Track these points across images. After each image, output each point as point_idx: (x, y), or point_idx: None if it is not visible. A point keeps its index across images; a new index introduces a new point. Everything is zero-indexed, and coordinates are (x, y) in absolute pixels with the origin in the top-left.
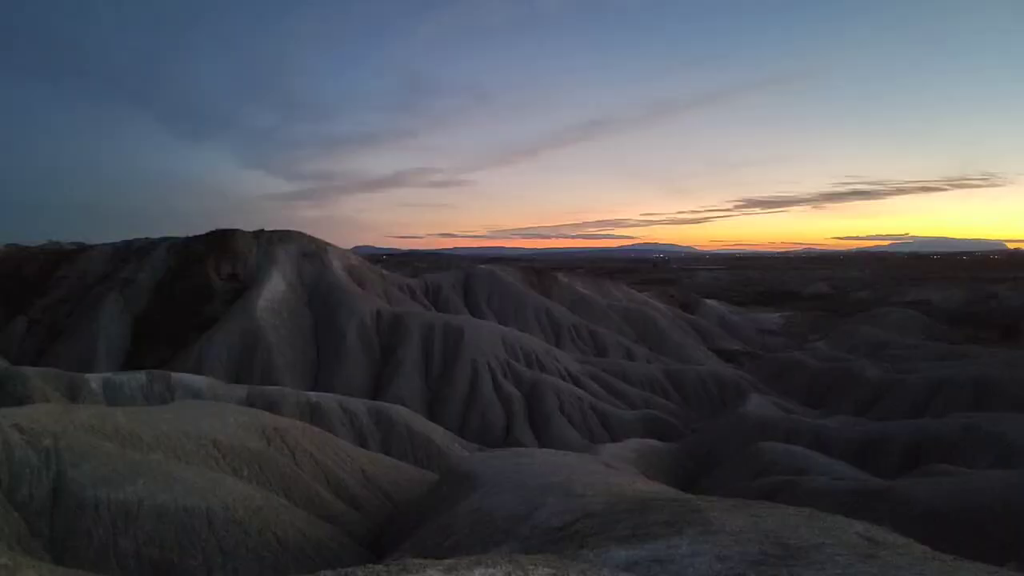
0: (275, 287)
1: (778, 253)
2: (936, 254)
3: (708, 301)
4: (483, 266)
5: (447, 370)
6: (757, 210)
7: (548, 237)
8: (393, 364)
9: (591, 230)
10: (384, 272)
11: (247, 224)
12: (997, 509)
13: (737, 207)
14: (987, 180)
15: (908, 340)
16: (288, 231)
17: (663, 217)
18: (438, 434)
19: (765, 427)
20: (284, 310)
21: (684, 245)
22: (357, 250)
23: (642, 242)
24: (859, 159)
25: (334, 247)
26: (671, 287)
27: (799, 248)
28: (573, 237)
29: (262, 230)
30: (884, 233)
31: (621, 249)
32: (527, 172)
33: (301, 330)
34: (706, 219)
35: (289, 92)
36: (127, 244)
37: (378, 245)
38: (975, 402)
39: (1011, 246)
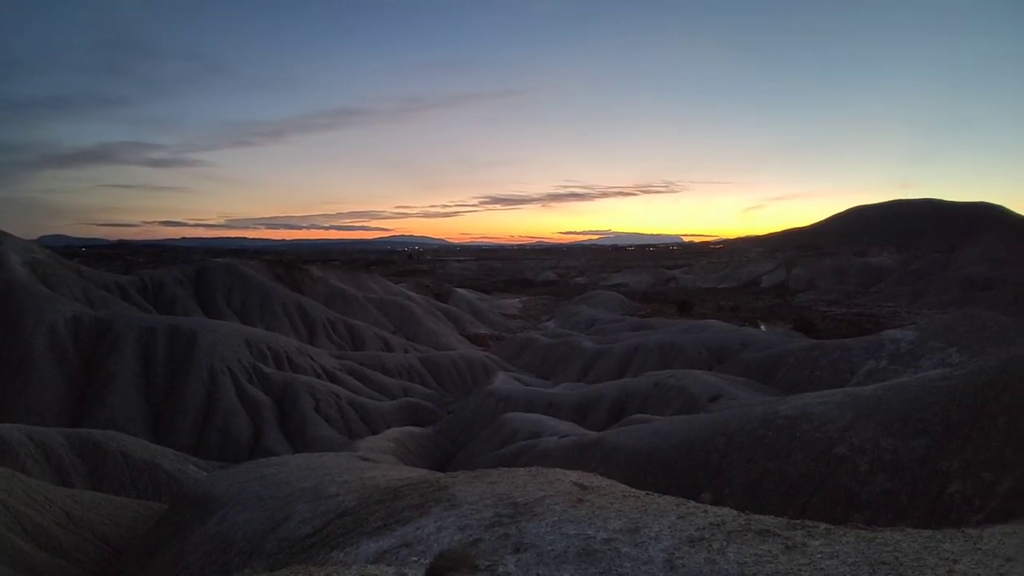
0: None
1: (516, 245)
2: (631, 246)
3: (459, 290)
4: (220, 260)
5: (176, 381)
6: (498, 207)
7: (299, 228)
8: (101, 380)
9: (345, 221)
10: (83, 268)
11: None
12: (684, 448)
13: (482, 203)
14: (667, 187)
15: (612, 316)
16: None
17: (417, 210)
18: (166, 458)
19: (508, 400)
20: None
21: (437, 238)
22: (45, 241)
23: (397, 234)
24: (575, 166)
25: (10, 237)
26: (426, 278)
27: (532, 241)
28: (326, 228)
29: None
30: (594, 229)
31: (377, 241)
32: (273, 156)
33: None
34: (456, 213)
35: None
36: None
37: (75, 235)
38: (661, 362)
39: (686, 239)
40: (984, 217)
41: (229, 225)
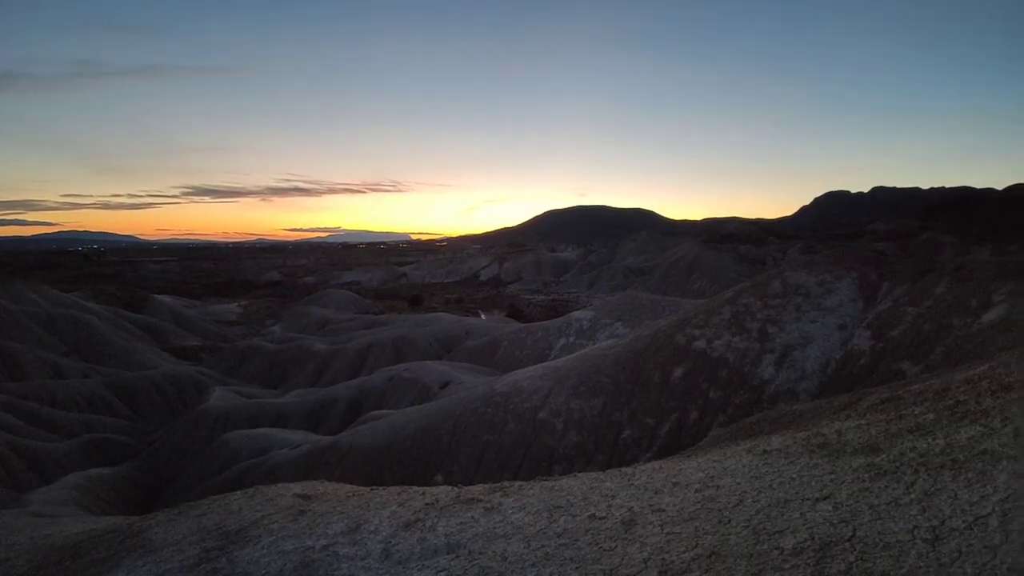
0: None
1: (232, 243)
2: (362, 244)
3: (159, 297)
4: None
5: None
6: (207, 199)
7: None
8: None
9: None
10: None
11: None
12: (418, 436)
13: (185, 194)
14: (395, 187)
15: (345, 315)
16: None
17: (94, 200)
18: None
19: (228, 418)
20: None
21: (125, 234)
22: None
23: (66, 230)
24: (298, 159)
25: None
26: (111, 284)
27: (252, 238)
28: None
29: None
30: (322, 226)
31: (37, 238)
32: None
33: None
34: (149, 205)
35: None
36: None
37: None
38: (395, 357)
39: (414, 237)
40: (640, 220)
41: None
